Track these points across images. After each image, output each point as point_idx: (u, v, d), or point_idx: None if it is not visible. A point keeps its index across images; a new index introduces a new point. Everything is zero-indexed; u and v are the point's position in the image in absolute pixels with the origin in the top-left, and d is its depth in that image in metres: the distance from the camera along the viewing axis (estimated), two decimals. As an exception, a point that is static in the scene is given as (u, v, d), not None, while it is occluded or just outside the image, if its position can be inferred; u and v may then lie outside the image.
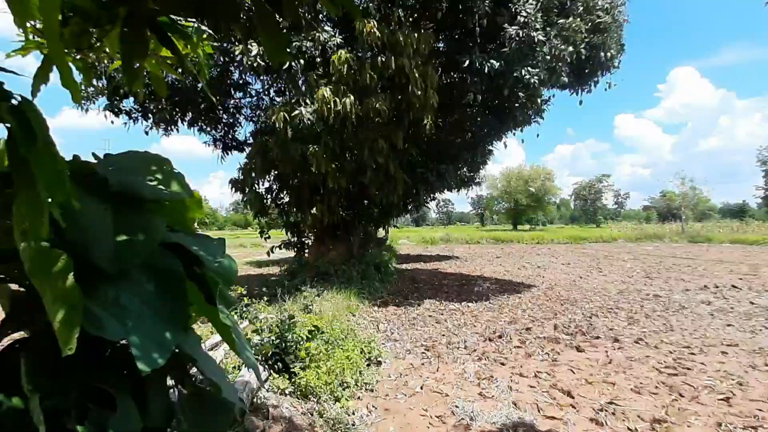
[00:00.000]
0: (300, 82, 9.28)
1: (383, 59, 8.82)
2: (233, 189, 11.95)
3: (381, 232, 17.98)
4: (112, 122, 11.75)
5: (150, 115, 12.23)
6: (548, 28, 9.55)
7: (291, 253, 14.14)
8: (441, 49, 11.64)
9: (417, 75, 9.06)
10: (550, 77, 9.68)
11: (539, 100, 13.01)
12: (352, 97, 8.84)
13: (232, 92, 13.01)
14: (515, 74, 9.27)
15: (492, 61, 9.45)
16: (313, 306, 8.06)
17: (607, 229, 53.77)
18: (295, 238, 13.41)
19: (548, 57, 9.43)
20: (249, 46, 8.64)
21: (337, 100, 8.76)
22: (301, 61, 8.93)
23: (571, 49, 9.77)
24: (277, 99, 12.67)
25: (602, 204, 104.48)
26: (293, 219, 12.72)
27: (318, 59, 9.33)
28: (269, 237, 12.91)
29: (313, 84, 9.09)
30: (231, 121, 15.37)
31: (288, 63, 8.86)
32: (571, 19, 9.56)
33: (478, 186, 20.89)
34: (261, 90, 15.34)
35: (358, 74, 9.00)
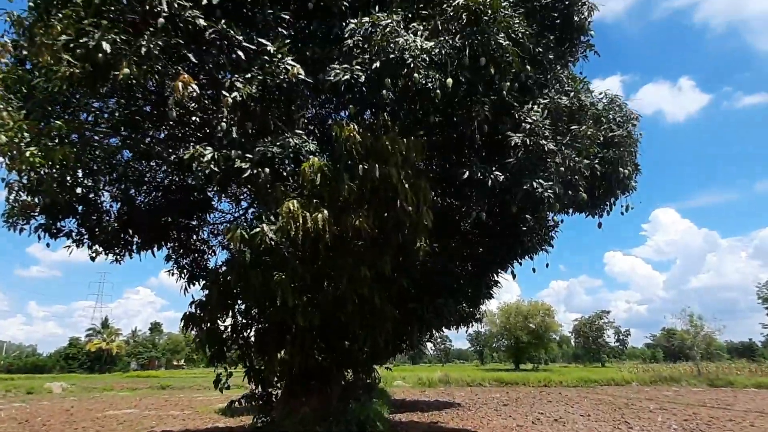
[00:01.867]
0: (264, 194, 7.68)
1: (365, 167, 7.26)
2: (186, 327, 9.78)
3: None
4: (48, 245, 9.93)
5: (101, 238, 10.43)
6: (559, 137, 8.19)
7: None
8: (434, 167, 10.26)
9: (407, 187, 7.44)
10: (566, 192, 8.11)
11: (548, 225, 11.48)
12: (326, 212, 7.11)
13: (196, 212, 11.39)
14: (525, 187, 7.69)
15: (496, 173, 7.94)
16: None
17: (615, 369, 50.55)
18: (259, 390, 10.89)
19: (562, 169, 7.94)
20: (203, 149, 7.10)
21: (307, 215, 7.01)
22: (266, 170, 7.35)
23: (586, 161, 8.36)
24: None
25: (604, 341, 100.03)
26: (257, 364, 10.34)
27: (288, 168, 7.79)
28: (228, 387, 10.43)
29: (280, 197, 7.42)
30: (203, 247, 13.70)
31: (249, 171, 7.28)
32: (585, 127, 8.25)
33: (479, 322, 18.85)
34: (239, 212, 13.88)
35: (335, 185, 7.37)
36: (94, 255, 10.45)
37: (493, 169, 8.08)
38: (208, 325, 9.66)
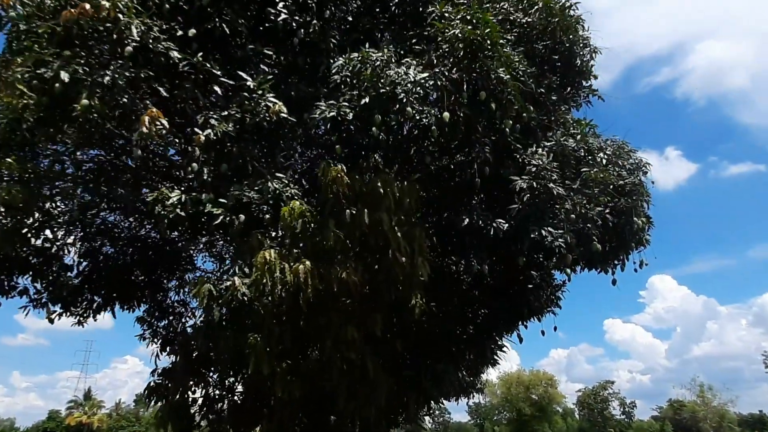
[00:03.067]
0: (238, 243, 6.82)
1: (353, 212, 6.45)
2: (148, 399, 8.62)
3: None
4: (-1, 304, 8.90)
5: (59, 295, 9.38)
6: (567, 182, 7.46)
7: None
8: (431, 216, 9.47)
9: (399, 235, 6.60)
10: (578, 242, 7.27)
11: (554, 283, 10.53)
12: (308, 263, 6.22)
13: (172, 269, 10.43)
14: (533, 236, 6.87)
15: (499, 220, 7.14)
16: None
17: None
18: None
19: (573, 216, 7.15)
20: (168, 192, 6.30)
21: (286, 266, 6.12)
22: (242, 216, 6.52)
23: (598, 209, 7.58)
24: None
25: (610, 414, 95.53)
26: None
27: (267, 215, 6.96)
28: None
29: (256, 246, 6.54)
30: (180, 310, 12.53)
31: (221, 217, 6.45)
32: (595, 170, 7.55)
33: (480, 393, 17.47)
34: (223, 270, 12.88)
35: (319, 232, 6.53)
36: (51, 317, 9.36)
37: (495, 216, 7.31)
38: (176, 397, 8.50)
